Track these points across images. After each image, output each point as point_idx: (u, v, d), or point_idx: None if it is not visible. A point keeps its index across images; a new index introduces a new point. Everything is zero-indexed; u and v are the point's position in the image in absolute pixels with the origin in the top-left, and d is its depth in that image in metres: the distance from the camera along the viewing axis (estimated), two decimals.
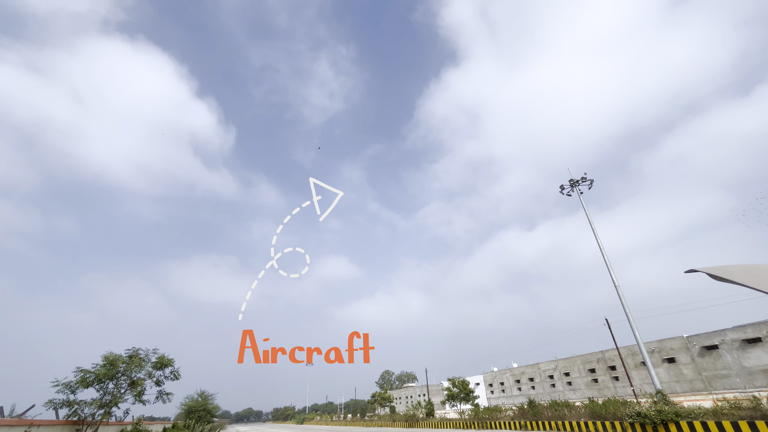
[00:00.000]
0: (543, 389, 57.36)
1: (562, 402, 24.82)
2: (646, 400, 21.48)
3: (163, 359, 13.15)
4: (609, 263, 23.05)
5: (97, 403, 10.84)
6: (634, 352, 44.86)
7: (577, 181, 27.91)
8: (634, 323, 21.09)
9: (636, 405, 18.35)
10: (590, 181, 27.75)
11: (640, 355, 43.33)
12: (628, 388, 44.16)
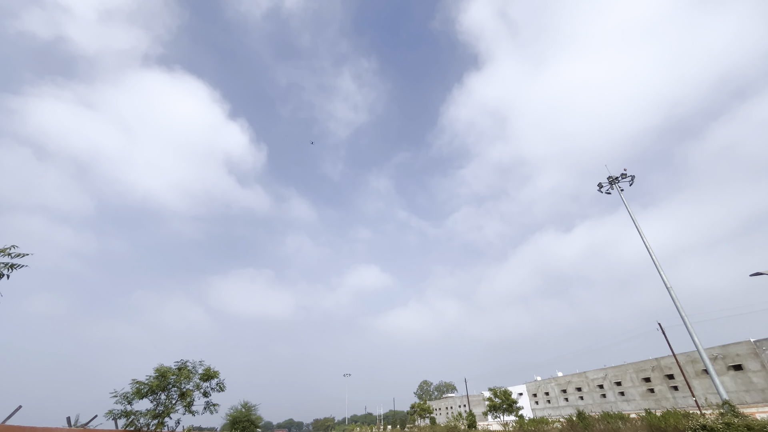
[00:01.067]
0: (592, 400, 54.07)
1: (615, 414, 23.24)
2: (711, 412, 19.67)
3: (209, 371, 13.69)
4: (658, 263, 21.59)
5: (151, 414, 11.44)
6: (693, 359, 41.42)
7: (616, 178, 26.56)
8: (691, 327, 19.54)
9: (700, 417, 16.84)
10: (631, 178, 26.32)
11: (701, 362, 39.95)
12: (689, 399, 40.71)
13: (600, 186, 27.44)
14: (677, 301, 20.07)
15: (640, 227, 23.35)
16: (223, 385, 13.96)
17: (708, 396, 38.35)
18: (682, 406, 40.20)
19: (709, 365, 18.37)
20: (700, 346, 18.95)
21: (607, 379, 52.82)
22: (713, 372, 18.22)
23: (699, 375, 40.80)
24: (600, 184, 27.42)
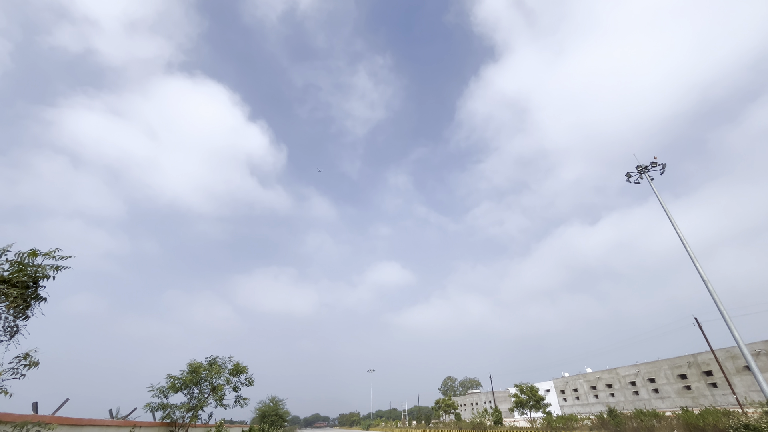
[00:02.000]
0: (624, 397, 52.34)
1: (649, 411, 22.44)
2: (754, 411, 18.67)
3: (238, 366, 14.15)
4: (693, 255, 20.59)
5: (185, 407, 11.98)
6: (734, 355, 39.37)
7: (645, 166, 25.45)
8: (731, 322, 18.56)
9: (742, 416, 16.03)
10: (662, 166, 25.15)
11: (742, 358, 37.91)
12: (729, 397, 38.75)
13: (628, 176, 26.37)
14: (715, 295, 19.09)
15: (672, 217, 22.31)
16: (252, 380, 14.40)
17: (750, 394, 36.39)
18: (721, 404, 38.33)
19: (751, 361, 17.42)
20: (740, 341, 17.99)
21: (639, 376, 50.97)
22: (756, 368, 17.25)
23: (740, 372, 38.75)
24: (628, 174, 26.35)
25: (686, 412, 19.60)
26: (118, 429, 8.95)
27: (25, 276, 3.36)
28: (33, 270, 3.46)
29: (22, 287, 3.30)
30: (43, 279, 3.56)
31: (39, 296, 3.52)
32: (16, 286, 3.28)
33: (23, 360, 3.25)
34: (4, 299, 3.17)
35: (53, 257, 3.62)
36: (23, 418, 4.82)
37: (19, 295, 3.23)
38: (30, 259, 3.44)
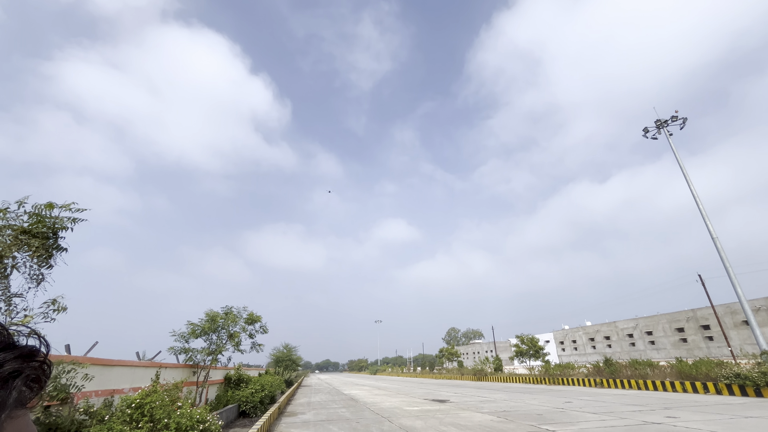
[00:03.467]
0: (621, 348, 54.59)
1: (644, 361, 23.46)
2: (747, 362, 19.41)
3: (252, 316, 14.90)
4: (704, 212, 20.32)
5: (206, 351, 12.83)
6: (733, 311, 40.21)
7: (665, 121, 24.37)
8: (735, 278, 18.73)
9: (734, 366, 16.68)
10: (682, 120, 24.07)
11: (741, 313, 38.71)
12: (724, 349, 40.15)
13: (645, 131, 25.38)
14: (722, 252, 19.10)
15: (687, 174, 21.76)
16: (266, 328, 15.23)
17: (744, 347, 37.61)
18: (715, 356, 39.80)
19: (750, 315, 17.81)
20: (742, 295, 18.28)
21: (637, 329, 52.72)
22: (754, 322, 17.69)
23: (738, 326, 39.79)
24: (646, 128, 25.35)
25: (680, 362, 20.42)
26: (146, 369, 9.68)
27: (44, 227, 3.47)
28: (51, 222, 3.56)
29: (43, 238, 3.42)
30: (62, 230, 3.68)
31: (60, 246, 3.65)
32: (36, 236, 3.40)
33: (51, 305, 3.46)
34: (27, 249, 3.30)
35: (69, 210, 3.70)
36: (59, 357, 5.21)
37: (41, 245, 3.36)
38: (47, 211, 3.52)
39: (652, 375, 21.35)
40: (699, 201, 20.73)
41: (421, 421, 11.23)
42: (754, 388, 14.88)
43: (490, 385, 30.78)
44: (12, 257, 3.18)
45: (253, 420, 12.66)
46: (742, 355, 23.37)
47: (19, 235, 3.24)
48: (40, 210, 3.46)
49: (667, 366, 21.79)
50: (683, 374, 19.29)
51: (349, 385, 37.70)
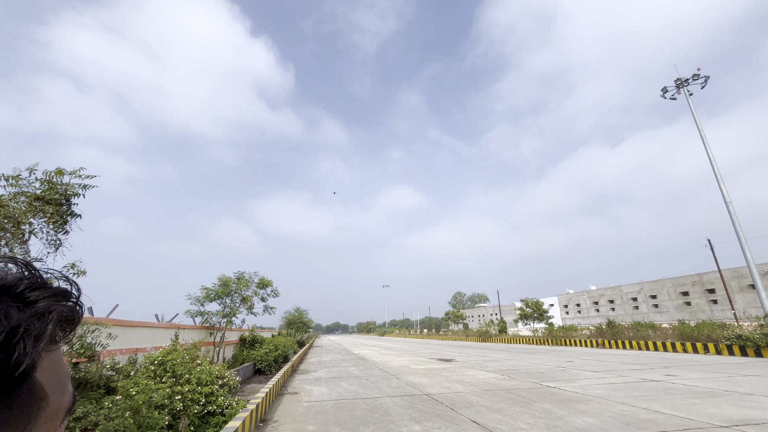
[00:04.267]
0: (624, 311, 55.53)
1: (647, 323, 23.91)
2: (750, 324, 19.68)
3: (263, 280, 15.37)
4: (719, 176, 19.81)
5: (220, 314, 13.41)
6: (740, 275, 40.24)
7: (686, 80, 23.20)
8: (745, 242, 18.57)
9: (737, 327, 16.95)
10: (704, 79, 22.89)
11: (748, 278, 38.75)
12: (728, 312, 40.63)
13: (664, 90, 24.27)
14: (734, 216, 18.81)
15: (705, 137, 21.00)
16: (277, 292, 15.76)
17: (748, 310, 37.99)
18: (718, 319, 40.37)
19: (757, 278, 17.83)
20: (751, 259, 18.21)
21: (642, 293, 53.30)
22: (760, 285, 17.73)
23: (743, 290, 39.98)
24: (664, 88, 24.22)
25: (682, 324, 20.78)
26: (165, 330, 10.17)
27: (57, 194, 3.53)
28: (63, 188, 3.62)
29: (56, 204, 3.49)
30: (74, 197, 3.74)
31: (73, 213, 3.73)
32: (50, 203, 3.46)
33: (71, 269, 3.59)
34: (42, 215, 3.38)
35: (79, 176, 3.74)
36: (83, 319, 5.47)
37: (55, 211, 3.43)
38: (58, 177, 3.57)
39: (654, 336, 21.82)
40: (715, 164, 20.15)
41: (428, 379, 11.77)
42: (754, 348, 15.17)
43: (494, 346, 31.85)
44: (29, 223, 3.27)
45: (268, 377, 13.41)
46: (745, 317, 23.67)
47: (33, 202, 3.31)
48: (51, 177, 3.50)
49: (669, 328, 22.21)
50: (685, 336, 19.68)
51: (358, 345, 39.35)
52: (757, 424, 5.58)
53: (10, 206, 3.06)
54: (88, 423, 4.02)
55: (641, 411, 6.62)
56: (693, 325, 20.36)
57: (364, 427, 6.16)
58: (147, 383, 4.99)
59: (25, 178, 3.39)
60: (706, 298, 44.32)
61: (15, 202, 3.21)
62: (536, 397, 8.14)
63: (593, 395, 8.18)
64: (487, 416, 6.62)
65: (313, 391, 10.11)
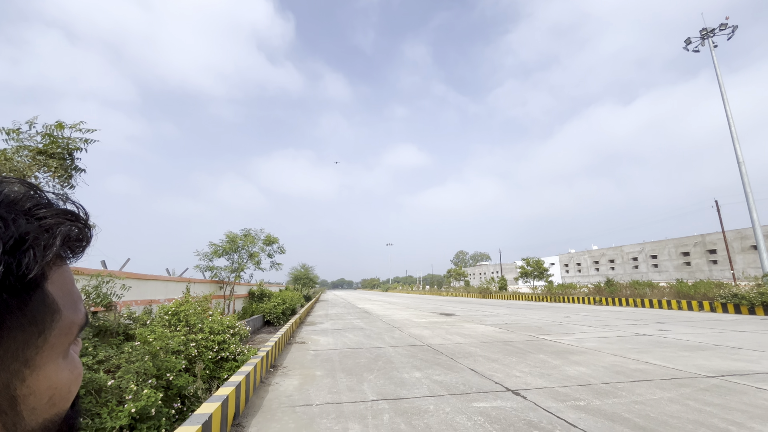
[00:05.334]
0: (624, 271, 56.50)
1: (644, 282, 24.41)
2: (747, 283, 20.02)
3: (269, 237, 15.68)
4: (735, 135, 19.18)
5: (229, 269, 13.85)
6: (743, 236, 40.30)
7: (712, 30, 21.70)
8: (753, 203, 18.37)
9: (733, 287, 17.27)
10: (732, 29, 21.39)
11: (751, 239, 38.82)
12: (727, 272, 41.20)
13: (687, 42, 22.81)
14: (745, 176, 18.45)
15: (725, 93, 20.04)
16: (283, 249, 16.14)
17: (748, 270, 38.45)
18: (717, 278, 41.04)
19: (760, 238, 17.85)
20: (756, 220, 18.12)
21: (643, 253, 53.88)
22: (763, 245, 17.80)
23: (745, 251, 40.22)
24: (688, 39, 22.74)
25: (680, 283, 21.20)
26: (177, 284, 10.56)
27: (59, 148, 3.50)
28: (65, 142, 3.58)
29: (60, 158, 3.48)
30: (77, 151, 3.72)
31: (78, 167, 3.73)
32: (53, 157, 3.45)
33: None
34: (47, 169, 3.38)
35: (80, 130, 3.69)
36: (96, 271, 5.68)
37: (59, 165, 3.43)
38: (58, 131, 3.52)
39: (651, 294, 22.37)
40: (732, 122, 19.42)
41: (429, 331, 12.32)
42: (748, 306, 15.55)
43: (494, 302, 32.92)
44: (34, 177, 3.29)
45: (277, 328, 14.08)
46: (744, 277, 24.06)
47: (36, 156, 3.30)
48: (51, 130, 3.46)
49: (667, 287, 22.69)
50: (681, 294, 20.15)
51: (362, 300, 40.85)
52: (743, 375, 5.86)
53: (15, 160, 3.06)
54: (110, 365, 4.31)
55: (632, 362, 6.95)
56: (690, 284, 20.76)
57: (368, 373, 6.55)
58: (163, 331, 5.27)
59: (25, 132, 3.35)
60: (706, 258, 44.77)
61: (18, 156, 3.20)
62: (532, 349, 8.54)
63: (587, 347, 8.56)
64: (484, 365, 6.99)
65: (320, 341, 10.65)
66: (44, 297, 0.29)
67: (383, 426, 4.08)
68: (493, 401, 4.86)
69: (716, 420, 4.04)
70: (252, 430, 4.09)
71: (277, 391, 5.59)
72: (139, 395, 3.80)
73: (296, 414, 4.54)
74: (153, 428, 3.87)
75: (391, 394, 5.24)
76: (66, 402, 0.32)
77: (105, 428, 3.46)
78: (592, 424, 4.01)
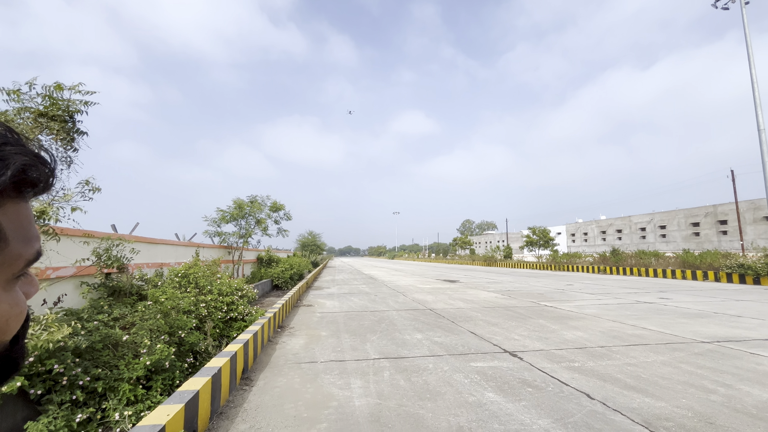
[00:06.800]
0: (631, 241, 56.29)
1: (650, 251, 24.37)
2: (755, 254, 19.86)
3: (276, 204, 15.81)
4: (758, 100, 18.30)
5: (237, 234, 14.11)
6: (756, 207, 39.52)
7: None
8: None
9: (740, 257, 17.18)
10: None
11: (764, 209, 38.10)
12: (735, 243, 40.82)
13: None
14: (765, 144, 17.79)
15: (752, 54, 18.89)
16: (290, 215, 16.32)
17: (757, 241, 38.03)
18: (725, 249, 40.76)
19: None
20: None
21: (651, 223, 53.37)
22: None
23: (757, 221, 39.59)
24: None
25: (686, 252, 21.14)
26: (186, 248, 10.84)
27: (60, 110, 3.49)
28: (65, 104, 3.57)
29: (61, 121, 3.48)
30: (78, 114, 3.70)
31: (80, 130, 3.73)
32: (54, 119, 3.45)
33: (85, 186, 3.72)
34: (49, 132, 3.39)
35: (79, 92, 3.66)
36: (107, 234, 5.83)
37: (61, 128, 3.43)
38: (58, 92, 3.50)
39: (656, 264, 22.41)
40: (756, 87, 18.45)
41: (432, 296, 12.62)
42: (753, 276, 15.55)
43: (498, 270, 33.31)
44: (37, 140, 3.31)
45: (285, 292, 14.52)
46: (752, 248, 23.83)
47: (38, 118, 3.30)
48: (50, 91, 3.43)
49: (673, 256, 22.65)
50: (686, 264, 20.14)
51: (368, 267, 41.64)
52: (738, 341, 5.96)
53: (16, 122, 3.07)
54: (125, 323, 4.54)
55: (629, 327, 7.10)
56: (696, 254, 20.68)
57: (371, 334, 6.81)
58: (174, 292, 5.49)
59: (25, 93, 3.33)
60: (716, 229, 44.25)
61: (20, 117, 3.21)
62: (532, 314, 8.74)
63: (586, 313, 8.73)
64: (484, 329, 7.20)
65: (326, 304, 11.00)
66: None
67: (384, 382, 4.29)
68: (490, 361, 5.05)
69: (706, 382, 4.17)
70: (260, 383, 4.34)
71: (283, 349, 5.87)
72: (153, 349, 4.02)
73: (302, 370, 4.79)
74: (167, 380, 4.13)
75: (393, 354, 5.47)
76: (8, 330, 0.34)
77: (123, 378, 3.70)
78: (584, 382, 4.17)
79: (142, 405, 3.68)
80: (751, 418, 3.27)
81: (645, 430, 3.08)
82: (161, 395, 3.91)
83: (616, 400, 3.68)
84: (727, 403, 3.58)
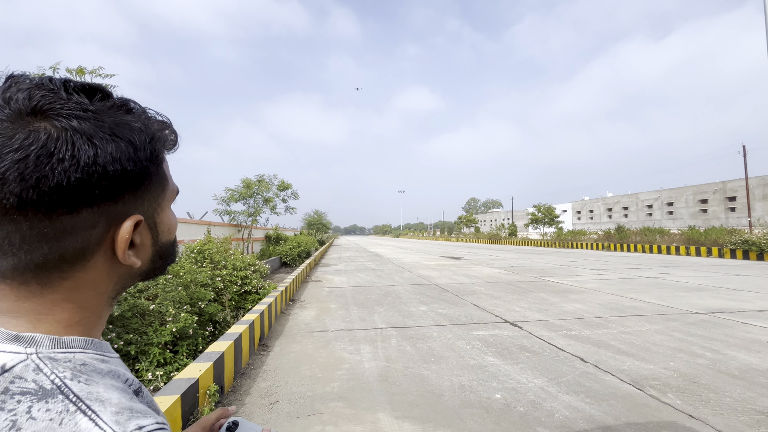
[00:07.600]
0: (637, 218, 56.02)
1: (655, 228, 24.39)
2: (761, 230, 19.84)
3: (283, 183, 16.04)
4: None
5: (246, 213, 14.43)
6: (767, 183, 38.94)
7: None
8: None
9: (745, 233, 17.21)
10: None
11: None
12: (743, 220, 40.52)
13: None
14: None
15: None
16: (297, 194, 16.58)
17: (765, 217, 37.73)
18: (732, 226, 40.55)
19: None
20: None
21: (659, 200, 52.92)
22: None
23: (766, 198, 39.13)
24: None
25: (691, 229, 21.16)
26: (198, 226, 11.18)
27: None
28: None
29: None
30: None
31: None
32: None
33: None
34: None
35: (99, 75, 3.81)
36: None
37: None
38: (79, 76, 3.65)
39: (660, 241, 22.49)
40: None
41: (437, 272, 12.95)
42: (757, 253, 15.64)
43: (503, 247, 33.59)
44: None
45: (293, 269, 14.95)
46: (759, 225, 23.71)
47: None
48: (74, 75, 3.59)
49: (678, 233, 22.69)
50: (691, 240, 20.21)
51: (374, 245, 42.16)
52: (732, 312, 6.19)
53: None
54: (149, 294, 4.86)
55: (627, 300, 7.35)
56: (701, 231, 20.70)
57: (378, 306, 7.14)
58: (191, 267, 5.80)
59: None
60: (724, 206, 43.84)
61: None
62: (534, 288, 9.02)
63: (587, 288, 8.99)
64: (486, 301, 7.50)
65: (334, 279, 11.38)
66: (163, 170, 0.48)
67: (391, 348, 4.61)
68: (491, 330, 5.35)
69: (695, 347, 4.43)
70: (276, 349, 4.68)
71: (296, 320, 6.22)
72: (177, 318, 4.35)
73: (314, 338, 5.13)
74: (191, 345, 4.48)
75: (399, 324, 5.79)
76: (173, 234, 0.54)
77: (152, 343, 4.04)
78: (579, 348, 4.45)
79: (171, 366, 4.04)
80: (732, 377, 3.53)
81: (632, 387, 3.36)
82: (187, 358, 4.27)
83: (607, 363, 3.96)
84: (712, 366, 3.84)
